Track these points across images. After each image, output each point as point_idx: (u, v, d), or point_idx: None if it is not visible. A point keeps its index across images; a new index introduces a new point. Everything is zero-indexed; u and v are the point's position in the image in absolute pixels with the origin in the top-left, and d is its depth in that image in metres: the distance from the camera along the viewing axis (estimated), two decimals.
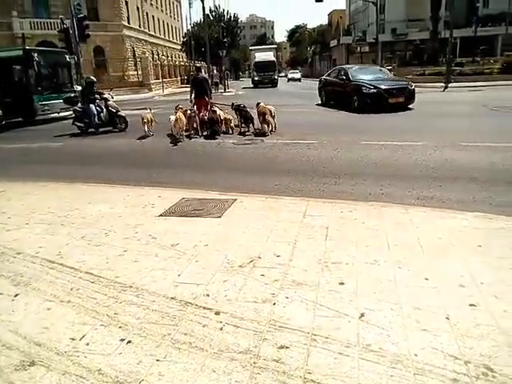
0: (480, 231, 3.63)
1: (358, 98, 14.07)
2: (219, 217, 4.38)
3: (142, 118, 11.29)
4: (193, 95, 12.07)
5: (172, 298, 2.79)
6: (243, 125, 11.13)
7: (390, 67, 38.45)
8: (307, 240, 3.63)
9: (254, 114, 10.98)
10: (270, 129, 10.42)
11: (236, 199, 4.95)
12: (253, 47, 47.38)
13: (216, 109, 11.12)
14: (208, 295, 2.80)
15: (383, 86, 13.88)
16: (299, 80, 56.67)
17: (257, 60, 41.28)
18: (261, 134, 10.27)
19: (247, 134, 10.69)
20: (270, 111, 10.60)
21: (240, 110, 11.36)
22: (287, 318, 2.49)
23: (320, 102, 17.81)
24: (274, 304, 2.65)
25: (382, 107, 13.30)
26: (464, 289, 2.70)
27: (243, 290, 2.84)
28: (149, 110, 11.73)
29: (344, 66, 17.76)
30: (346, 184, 5.75)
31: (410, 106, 14.01)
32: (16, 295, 2.99)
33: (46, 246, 3.87)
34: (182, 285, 2.96)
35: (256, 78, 40.47)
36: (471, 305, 2.52)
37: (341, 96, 15.52)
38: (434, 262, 3.08)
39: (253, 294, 2.78)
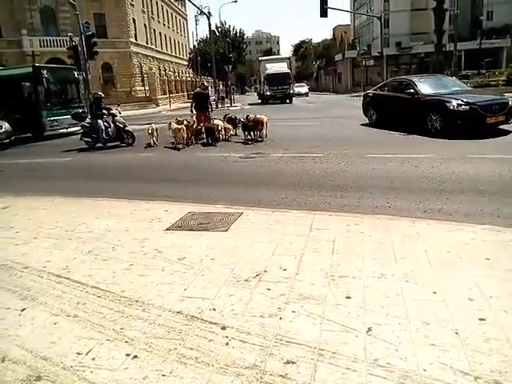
0: (488, 244, 3.59)
1: (441, 118, 10.36)
2: (225, 230, 4.38)
3: (148, 129, 12.46)
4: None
5: (178, 313, 2.78)
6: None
7: None
8: (314, 253, 3.61)
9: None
10: (265, 135, 11.99)
11: (242, 213, 4.95)
12: (263, 57, 40.35)
13: (216, 120, 12.63)
14: (214, 309, 2.79)
15: (477, 101, 10.14)
16: (306, 95, 50.85)
17: (269, 72, 34.73)
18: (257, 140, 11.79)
19: (253, 140, 11.89)
20: (263, 121, 11.92)
21: (232, 121, 13.12)
22: (294, 332, 2.47)
23: (368, 122, 14.00)
24: (281, 318, 2.63)
25: (478, 129, 9.88)
26: (473, 302, 2.67)
27: (249, 304, 2.83)
28: (154, 123, 13.01)
29: (407, 78, 13.87)
30: (353, 197, 5.73)
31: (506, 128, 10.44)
32: (23, 309, 2.99)
33: (54, 260, 3.89)
34: (188, 299, 2.96)
35: (268, 93, 34.37)
36: (480, 319, 2.49)
37: (406, 115, 11.81)
38: (442, 275, 3.05)
39: (259, 308, 2.77)
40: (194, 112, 13.52)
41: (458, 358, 2.16)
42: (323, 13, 28.68)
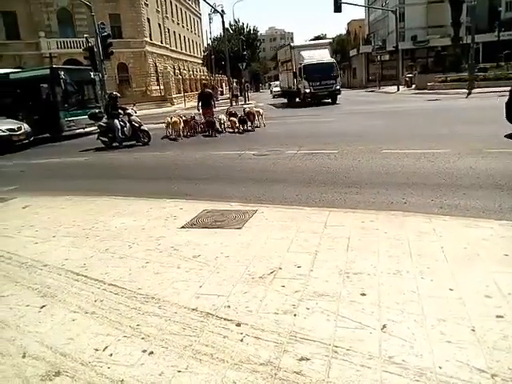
0: (506, 240, 3.53)
1: None
2: (240, 228, 4.40)
3: (167, 123, 14.40)
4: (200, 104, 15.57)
5: (193, 310, 2.81)
6: (240, 125, 14.56)
7: (410, 75, 38.19)
8: (328, 250, 3.61)
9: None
10: (261, 125, 15.09)
11: (257, 210, 4.97)
12: (297, 44, 28.32)
13: (220, 115, 15.16)
14: (229, 306, 2.81)
15: None
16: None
17: (307, 62, 24.84)
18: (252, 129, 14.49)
19: (245, 130, 14.42)
20: (259, 112, 15.25)
21: (234, 115, 15.13)
22: (308, 329, 2.47)
23: None
24: (295, 315, 2.63)
25: None
26: (490, 299, 2.63)
27: (264, 301, 2.84)
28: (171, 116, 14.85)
29: None
30: (368, 193, 5.69)
31: None
32: (42, 306, 3.06)
33: (72, 258, 3.96)
34: (203, 296, 2.98)
35: (307, 90, 24.64)
36: (498, 316, 2.45)
37: None
38: (459, 272, 3.01)
39: (273, 305, 2.78)
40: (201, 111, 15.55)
41: (475, 355, 2.13)
42: (337, 8, 28.51)
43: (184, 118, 14.68)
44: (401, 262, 3.26)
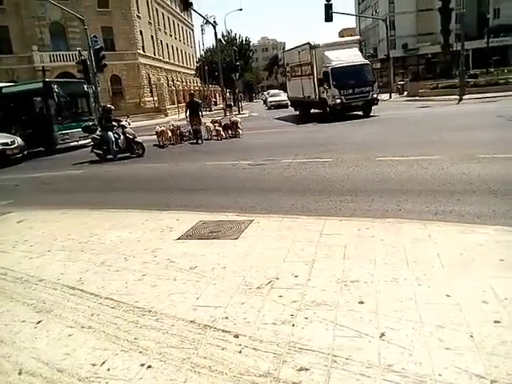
0: (501, 245, 3.55)
1: None
2: (236, 238, 4.40)
3: (156, 132, 15.67)
4: (187, 113, 16.84)
5: (191, 322, 2.79)
6: (222, 132, 16.03)
7: (402, 82, 38.58)
8: (325, 259, 3.61)
9: None
10: (241, 133, 16.11)
11: (253, 220, 4.97)
12: (320, 43, 21.43)
13: (207, 122, 16.93)
14: (227, 318, 2.80)
15: None
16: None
17: (336, 64, 19.15)
18: (234, 136, 16.02)
19: (230, 136, 16.06)
20: (238, 121, 16.47)
21: (218, 123, 16.85)
22: (307, 339, 2.47)
23: None
24: (293, 325, 2.63)
25: None
26: (487, 305, 2.64)
27: (262, 311, 2.83)
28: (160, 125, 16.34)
29: None
30: (363, 201, 5.71)
31: None
32: (38, 322, 3.04)
33: (67, 272, 3.94)
34: (200, 308, 2.97)
35: (337, 101, 18.76)
36: (496, 321, 2.46)
37: None
38: (455, 278, 3.02)
39: (271, 315, 2.77)
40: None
41: (474, 361, 2.13)
42: (328, 17, 28.80)
43: (171, 127, 16.23)
44: (397, 269, 3.26)
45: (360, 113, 19.44)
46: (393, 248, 3.69)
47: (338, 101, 18.83)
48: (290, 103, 25.78)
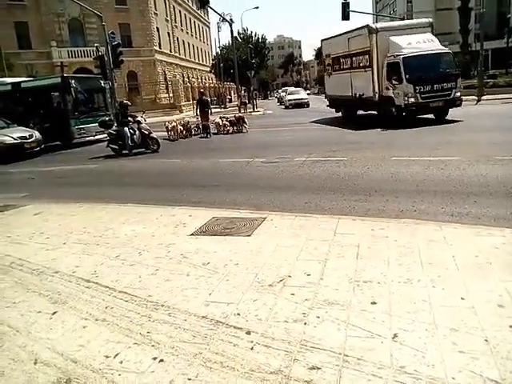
0: None
1: None
2: (249, 235, 4.40)
3: (166, 127, 17.02)
4: (198, 110, 18.43)
5: (203, 317, 2.81)
6: (230, 127, 17.64)
7: None
8: (338, 258, 3.59)
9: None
10: (247, 129, 17.53)
11: (266, 217, 4.97)
12: (382, 25, 16.76)
13: (216, 118, 18.38)
14: (239, 314, 2.81)
15: None
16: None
17: (408, 53, 14.47)
18: (239, 131, 17.46)
19: (237, 131, 17.52)
20: (243, 117, 18.01)
21: (224, 117, 18.32)
22: (318, 338, 2.46)
23: None
24: (305, 324, 2.62)
25: None
26: (503, 309, 2.60)
27: (274, 309, 2.84)
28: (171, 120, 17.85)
29: None
30: (378, 201, 5.67)
31: None
32: (54, 313, 3.09)
33: (83, 265, 3.99)
34: (213, 304, 2.99)
35: (412, 99, 14.11)
36: (511, 326, 2.42)
37: None
38: (470, 281, 2.98)
39: (283, 313, 2.77)
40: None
41: (488, 366, 2.10)
42: (345, 16, 28.58)
43: (182, 122, 17.72)
44: (411, 270, 3.23)
45: (431, 116, 15.06)
46: (407, 249, 3.66)
47: (412, 100, 14.13)
48: (328, 103, 21.37)
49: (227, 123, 17.59)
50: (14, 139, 14.69)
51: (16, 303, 3.33)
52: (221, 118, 18.54)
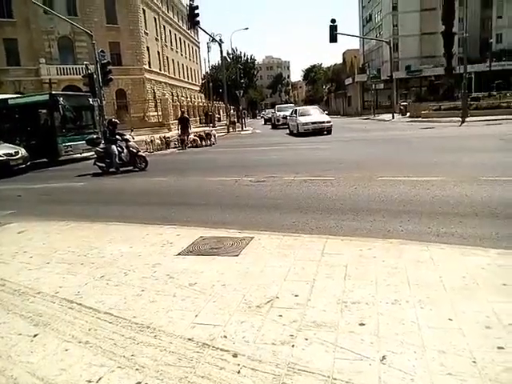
0: (505, 269, 3.51)
1: None
2: (237, 255, 4.37)
3: (145, 140, 19.93)
4: (179, 126, 22.28)
5: (189, 340, 2.76)
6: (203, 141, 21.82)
7: (405, 103, 38.85)
8: (326, 279, 3.58)
9: None
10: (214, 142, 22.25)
11: (253, 237, 4.94)
12: None
13: (192, 135, 22.06)
14: (225, 337, 2.76)
15: None
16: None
17: None
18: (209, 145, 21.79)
19: (204, 145, 21.79)
20: (212, 133, 22.65)
21: (200, 136, 22.13)
22: (306, 360, 2.43)
23: None
24: (293, 346, 2.59)
25: None
26: (490, 330, 2.60)
27: (261, 331, 2.80)
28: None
29: None
30: (365, 220, 5.69)
31: None
32: (35, 335, 3.00)
33: (66, 285, 3.90)
34: (199, 326, 2.93)
35: None
36: (499, 347, 2.42)
37: None
38: (458, 302, 2.98)
39: (271, 335, 2.73)
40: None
41: None
42: (333, 38, 29.23)
43: (159, 137, 21.51)
44: (399, 291, 3.23)
45: None
46: (394, 269, 3.66)
47: None
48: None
49: (197, 138, 21.71)
50: (0, 156, 14.52)
51: None
52: (194, 134, 22.56)
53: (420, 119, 28.49)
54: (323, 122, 23.03)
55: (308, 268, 3.84)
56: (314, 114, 24.98)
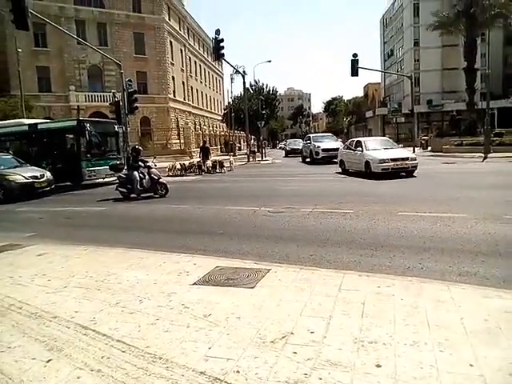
0: None
1: None
2: (252, 287, 4.33)
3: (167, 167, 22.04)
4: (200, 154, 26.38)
5: (201, 373, 2.72)
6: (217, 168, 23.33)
7: (426, 137, 38.67)
8: (343, 316, 3.50)
9: None
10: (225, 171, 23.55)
11: (270, 269, 4.91)
12: None
13: (209, 162, 24.30)
14: (238, 372, 2.71)
15: None
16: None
17: None
18: (220, 172, 23.21)
19: (218, 172, 23.15)
20: (223, 162, 24.17)
21: (215, 162, 23.92)
22: None
23: None
24: None
25: None
26: None
27: (274, 368, 2.74)
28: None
29: None
30: (384, 256, 5.60)
31: None
32: (48, 361, 3.01)
33: (82, 310, 3.93)
34: (212, 359, 2.89)
35: None
36: None
37: None
38: (479, 346, 2.87)
39: (284, 373, 2.67)
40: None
41: None
42: (354, 72, 29.59)
43: (180, 163, 23.44)
44: (418, 331, 3.14)
45: None
46: (414, 309, 3.57)
47: None
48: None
49: (211, 165, 23.68)
50: (26, 178, 14.97)
51: (11, 348, 3.25)
52: (211, 161, 24.71)
53: (441, 154, 28.23)
54: (405, 160, 15.89)
55: (324, 304, 3.77)
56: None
